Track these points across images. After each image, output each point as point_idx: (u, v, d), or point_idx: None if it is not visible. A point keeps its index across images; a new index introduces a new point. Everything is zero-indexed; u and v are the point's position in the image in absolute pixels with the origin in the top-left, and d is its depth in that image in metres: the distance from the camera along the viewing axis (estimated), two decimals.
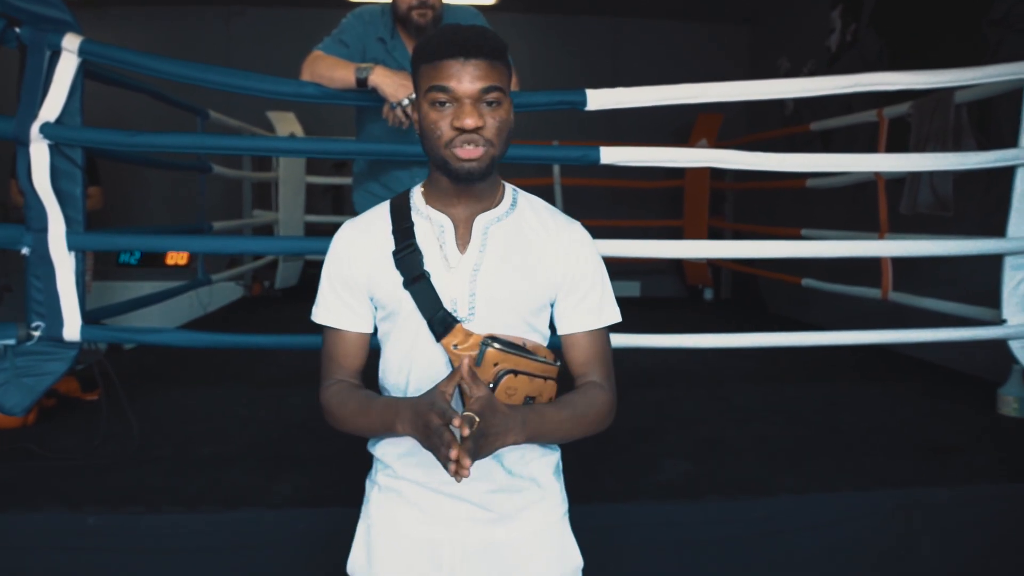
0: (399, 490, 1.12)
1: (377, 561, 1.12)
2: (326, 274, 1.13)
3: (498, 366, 1.02)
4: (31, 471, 1.88)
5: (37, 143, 1.94)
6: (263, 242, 3.86)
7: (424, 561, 1.10)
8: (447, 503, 1.09)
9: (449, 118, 1.01)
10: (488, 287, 1.07)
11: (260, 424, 2.35)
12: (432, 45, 1.02)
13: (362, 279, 1.10)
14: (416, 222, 1.10)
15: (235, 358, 3.18)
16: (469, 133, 1.00)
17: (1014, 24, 3.20)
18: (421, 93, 1.04)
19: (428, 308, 1.05)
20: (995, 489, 1.87)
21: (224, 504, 1.72)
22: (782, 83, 2.38)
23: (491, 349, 1.02)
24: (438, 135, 1.02)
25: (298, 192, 5.15)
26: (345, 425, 1.09)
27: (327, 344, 1.14)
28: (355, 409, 1.08)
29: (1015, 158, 2.25)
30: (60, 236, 1.99)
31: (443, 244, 1.08)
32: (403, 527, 1.11)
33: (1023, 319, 2.31)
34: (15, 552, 1.62)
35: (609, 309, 1.13)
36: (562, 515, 1.17)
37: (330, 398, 1.11)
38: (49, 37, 1.95)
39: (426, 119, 1.03)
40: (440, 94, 1.00)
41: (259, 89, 2.15)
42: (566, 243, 1.12)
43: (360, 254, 1.10)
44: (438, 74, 1.00)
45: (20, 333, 2.01)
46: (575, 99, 2.16)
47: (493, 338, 1.04)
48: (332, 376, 1.13)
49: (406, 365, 1.09)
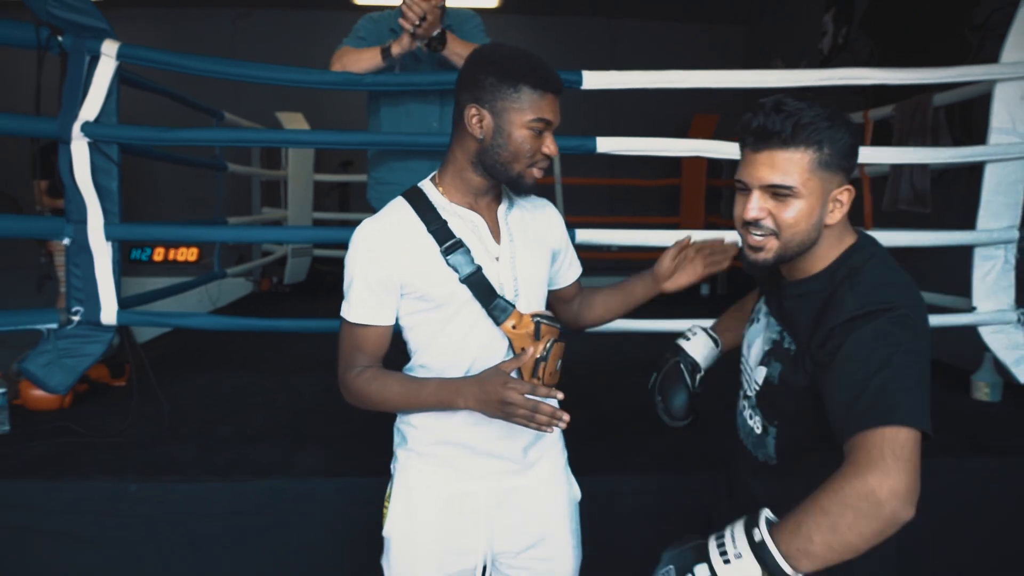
0: (438, 454, 1.25)
1: (419, 521, 1.25)
2: (359, 273, 1.18)
3: (546, 338, 1.22)
4: (75, 446, 2.03)
5: (78, 141, 2.10)
6: (290, 232, 4.08)
7: (462, 512, 1.25)
8: (485, 460, 1.25)
9: (538, 144, 1.18)
10: (524, 271, 1.25)
11: (278, 407, 2.49)
12: (540, 74, 1.16)
13: (398, 277, 1.18)
14: (448, 220, 1.21)
15: (248, 348, 3.32)
16: (548, 159, 1.20)
17: (993, 29, 3.36)
18: (520, 115, 1.15)
19: (486, 298, 1.19)
20: (956, 463, 2.02)
21: (253, 474, 1.87)
22: (765, 74, 2.53)
23: (544, 325, 1.22)
24: (528, 156, 1.18)
25: (306, 190, 5.30)
26: (383, 405, 1.21)
27: (355, 337, 1.22)
28: (400, 391, 1.19)
29: (983, 154, 2.41)
30: (98, 227, 2.15)
31: (482, 238, 1.22)
32: (442, 486, 1.26)
33: (992, 307, 2.47)
34: (66, 516, 1.78)
35: (577, 263, 1.46)
36: (566, 459, 1.38)
37: (365, 383, 1.20)
38: (89, 44, 2.11)
39: (521, 142, 1.16)
40: (541, 124, 1.17)
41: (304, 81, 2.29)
42: (547, 218, 1.35)
43: (396, 252, 1.18)
44: (547, 108, 1.16)
45: (61, 318, 2.16)
46: (571, 79, 2.29)
47: (539, 315, 1.23)
48: (357, 363, 1.23)
49: (464, 349, 1.21)
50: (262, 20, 6.09)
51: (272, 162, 5.52)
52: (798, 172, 1.01)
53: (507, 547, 1.28)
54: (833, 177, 1.04)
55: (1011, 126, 2.40)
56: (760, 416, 1.15)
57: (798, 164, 1.01)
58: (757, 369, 1.14)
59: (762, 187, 1.04)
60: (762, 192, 1.04)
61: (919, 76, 2.44)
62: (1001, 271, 2.49)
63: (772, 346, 1.12)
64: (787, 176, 1.01)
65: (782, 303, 1.13)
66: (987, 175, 2.44)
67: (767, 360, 1.12)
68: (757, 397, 1.14)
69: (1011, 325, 2.49)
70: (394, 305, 1.22)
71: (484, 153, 1.18)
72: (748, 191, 1.06)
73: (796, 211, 1.03)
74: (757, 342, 1.19)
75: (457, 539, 1.25)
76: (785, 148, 1.01)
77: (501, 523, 1.27)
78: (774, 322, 1.14)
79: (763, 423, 1.15)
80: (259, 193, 5.64)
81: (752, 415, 1.17)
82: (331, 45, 2.34)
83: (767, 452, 1.14)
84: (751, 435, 1.18)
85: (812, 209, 1.03)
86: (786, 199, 1.03)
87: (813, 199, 1.03)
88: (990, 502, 2.02)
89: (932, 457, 2.01)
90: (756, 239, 1.06)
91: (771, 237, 1.05)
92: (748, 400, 1.19)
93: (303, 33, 5.80)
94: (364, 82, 2.21)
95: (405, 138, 2.26)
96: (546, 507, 1.31)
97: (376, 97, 2.37)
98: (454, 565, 1.26)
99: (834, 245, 1.09)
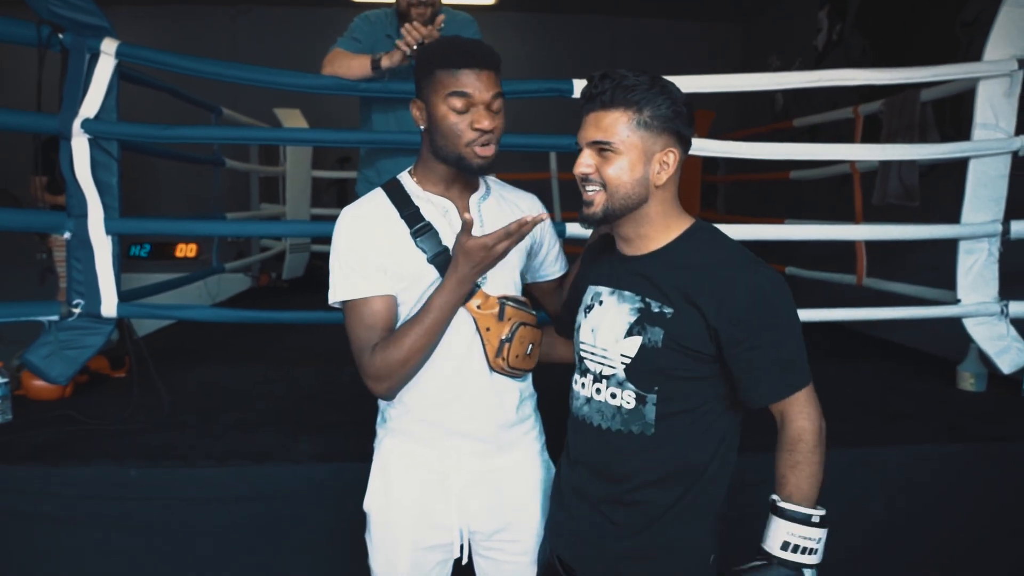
0: (412, 432, 1.30)
1: (394, 496, 1.31)
2: (336, 256, 1.24)
3: (512, 320, 1.26)
4: (77, 433, 2.08)
5: (78, 137, 2.14)
6: (289, 226, 4.10)
7: (435, 491, 1.30)
8: (458, 440, 1.29)
9: (467, 121, 1.19)
10: None
11: (277, 396, 2.54)
12: (448, 54, 1.20)
13: (375, 258, 1.23)
14: (420, 206, 1.27)
15: (247, 342, 3.36)
16: (487, 134, 1.20)
17: (983, 26, 3.40)
18: (438, 96, 1.20)
19: None
20: (938, 449, 2.08)
21: (252, 460, 1.92)
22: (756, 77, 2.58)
23: (509, 307, 1.26)
24: (458, 135, 1.19)
25: (304, 186, 5.33)
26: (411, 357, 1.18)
27: (358, 316, 1.22)
28: (413, 331, 1.18)
29: (966, 150, 2.45)
30: (99, 221, 2.20)
31: (451, 222, 1.27)
32: (417, 464, 1.31)
33: (976, 299, 2.52)
34: (69, 500, 1.83)
35: (563, 259, 1.49)
36: (543, 444, 1.41)
37: (382, 352, 1.19)
38: (89, 42, 2.15)
39: (445, 120, 1.20)
40: (459, 100, 1.18)
41: (298, 85, 2.33)
42: (529, 210, 1.37)
43: (371, 236, 1.24)
44: (458, 82, 1.18)
45: (62, 310, 2.21)
46: (562, 87, 2.34)
47: (506, 298, 1.27)
48: (371, 342, 1.21)
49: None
50: (263, 16, 6.13)
51: (270, 158, 5.56)
52: (616, 130, 1.14)
53: (480, 527, 1.32)
54: (656, 139, 1.16)
55: (994, 122, 2.45)
56: (633, 388, 1.18)
57: (616, 122, 1.14)
58: (623, 343, 1.19)
59: (588, 144, 1.17)
60: (590, 149, 1.17)
61: (905, 75, 2.49)
62: (985, 264, 2.54)
63: (639, 315, 1.18)
64: (607, 133, 1.15)
65: (635, 276, 1.21)
66: (971, 170, 2.48)
67: (638, 329, 1.17)
68: (627, 370, 1.18)
69: (994, 317, 2.54)
70: (380, 279, 1.23)
71: (432, 141, 1.24)
72: (579, 150, 1.19)
73: (618, 167, 1.15)
74: (607, 322, 1.22)
75: (431, 515, 1.30)
76: (605, 109, 1.15)
77: (474, 503, 1.30)
78: (629, 295, 1.21)
79: (637, 394, 1.18)
80: (257, 189, 5.68)
81: (617, 393, 1.20)
82: (331, 41, 2.38)
83: (644, 422, 1.18)
84: (617, 415, 1.20)
85: (633, 165, 1.16)
86: (608, 156, 1.16)
87: (634, 156, 1.15)
88: (969, 486, 2.07)
89: (917, 443, 2.10)
90: (588, 194, 1.19)
91: (600, 191, 1.17)
92: (609, 380, 1.21)
93: (304, 29, 5.84)
94: (358, 88, 2.26)
95: (401, 137, 2.32)
96: (518, 491, 1.34)
97: (368, 102, 2.43)
98: (430, 540, 1.31)
99: (676, 220, 1.22)
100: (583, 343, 1.27)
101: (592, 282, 1.30)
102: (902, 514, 2.03)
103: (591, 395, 1.24)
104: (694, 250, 1.19)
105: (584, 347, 1.26)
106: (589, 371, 1.25)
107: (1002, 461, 2.09)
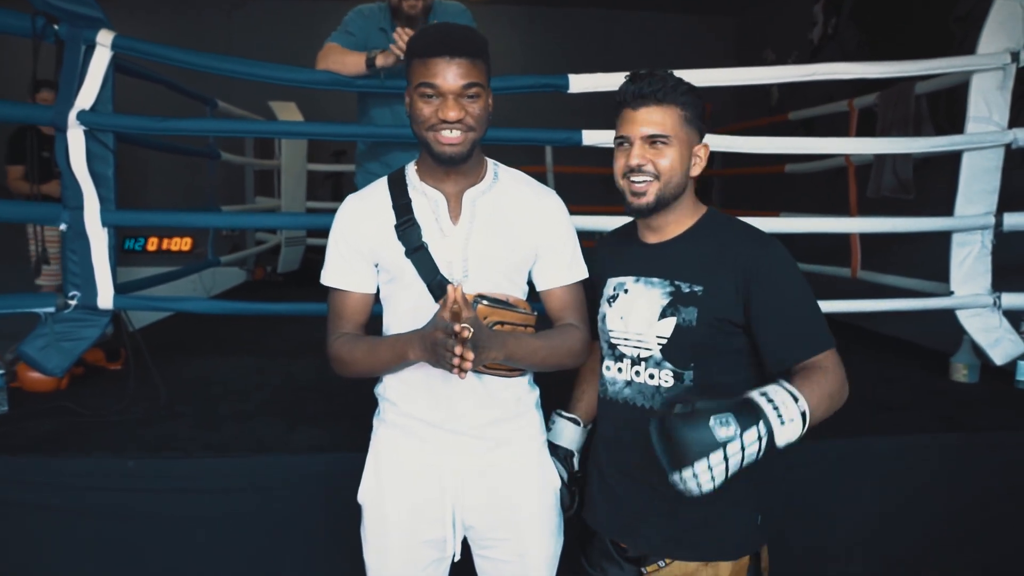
0: (405, 426, 1.30)
1: (387, 488, 1.31)
2: (332, 241, 1.30)
3: (487, 319, 1.20)
4: (75, 425, 2.08)
5: (74, 129, 2.14)
6: (285, 218, 4.09)
7: (427, 484, 1.30)
8: (446, 435, 1.28)
9: (434, 108, 1.18)
10: (478, 252, 1.26)
11: (273, 388, 2.54)
12: (422, 43, 1.19)
13: (365, 247, 1.26)
14: (413, 197, 1.27)
15: (243, 334, 3.35)
16: (453, 124, 1.18)
17: (976, 20, 3.41)
18: (412, 86, 1.20)
19: (427, 274, 1.24)
20: (931, 440, 2.10)
21: (250, 450, 1.93)
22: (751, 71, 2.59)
23: (481, 305, 1.21)
24: (422, 120, 1.20)
25: (300, 179, 5.31)
26: (356, 367, 1.26)
27: (334, 303, 1.31)
28: (365, 350, 1.25)
29: (960, 143, 2.47)
30: (95, 213, 2.19)
31: (438, 217, 1.26)
32: (409, 457, 1.31)
33: (969, 291, 2.54)
34: (68, 491, 1.83)
35: (578, 266, 1.35)
36: (542, 443, 1.38)
37: (339, 348, 1.28)
38: (84, 33, 2.13)
39: (414, 108, 1.21)
40: (428, 89, 1.18)
41: (294, 80, 2.34)
42: (542, 210, 1.31)
43: (363, 225, 1.26)
44: (427, 71, 1.17)
45: (58, 302, 2.21)
46: (558, 83, 2.34)
47: (482, 296, 1.22)
48: (338, 331, 1.30)
49: (413, 323, 1.24)
50: (258, 10, 6.11)
51: (265, 151, 5.53)
52: (671, 124, 1.25)
53: (474, 523, 1.31)
54: (694, 134, 1.28)
55: (987, 115, 2.47)
56: (670, 367, 1.26)
57: (671, 117, 1.25)
58: (657, 325, 1.27)
59: (643, 138, 1.25)
60: (643, 142, 1.26)
61: (899, 69, 2.49)
62: (978, 256, 2.56)
63: (672, 298, 1.27)
64: (664, 127, 1.24)
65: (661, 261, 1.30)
66: (964, 163, 2.50)
67: (671, 311, 1.26)
68: (664, 351, 1.26)
69: (987, 309, 2.56)
70: (366, 274, 1.28)
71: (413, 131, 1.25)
72: (630, 144, 1.27)
73: (671, 158, 1.25)
74: (637, 308, 1.29)
75: (423, 508, 1.29)
76: (660, 105, 1.25)
77: (466, 500, 1.29)
78: (658, 280, 1.29)
79: (675, 372, 1.26)
80: (252, 182, 5.67)
81: (655, 373, 1.28)
82: (326, 35, 2.38)
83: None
84: (657, 394, 1.28)
85: (683, 157, 1.26)
86: (661, 148, 1.25)
87: (683, 148, 1.26)
88: (962, 476, 2.09)
89: (911, 434, 2.11)
90: (639, 185, 1.27)
91: (653, 182, 1.26)
92: (647, 361, 1.28)
93: (299, 23, 5.81)
94: (355, 84, 2.26)
95: (398, 130, 2.32)
96: (512, 491, 1.31)
97: (364, 97, 2.43)
98: (424, 534, 1.30)
99: (696, 208, 1.34)
100: (612, 331, 1.33)
101: (612, 274, 1.37)
102: (895, 504, 2.05)
103: (631, 378, 1.31)
104: (713, 232, 1.30)
105: (614, 334, 1.33)
106: (625, 356, 1.31)
107: (995, 451, 2.11)
